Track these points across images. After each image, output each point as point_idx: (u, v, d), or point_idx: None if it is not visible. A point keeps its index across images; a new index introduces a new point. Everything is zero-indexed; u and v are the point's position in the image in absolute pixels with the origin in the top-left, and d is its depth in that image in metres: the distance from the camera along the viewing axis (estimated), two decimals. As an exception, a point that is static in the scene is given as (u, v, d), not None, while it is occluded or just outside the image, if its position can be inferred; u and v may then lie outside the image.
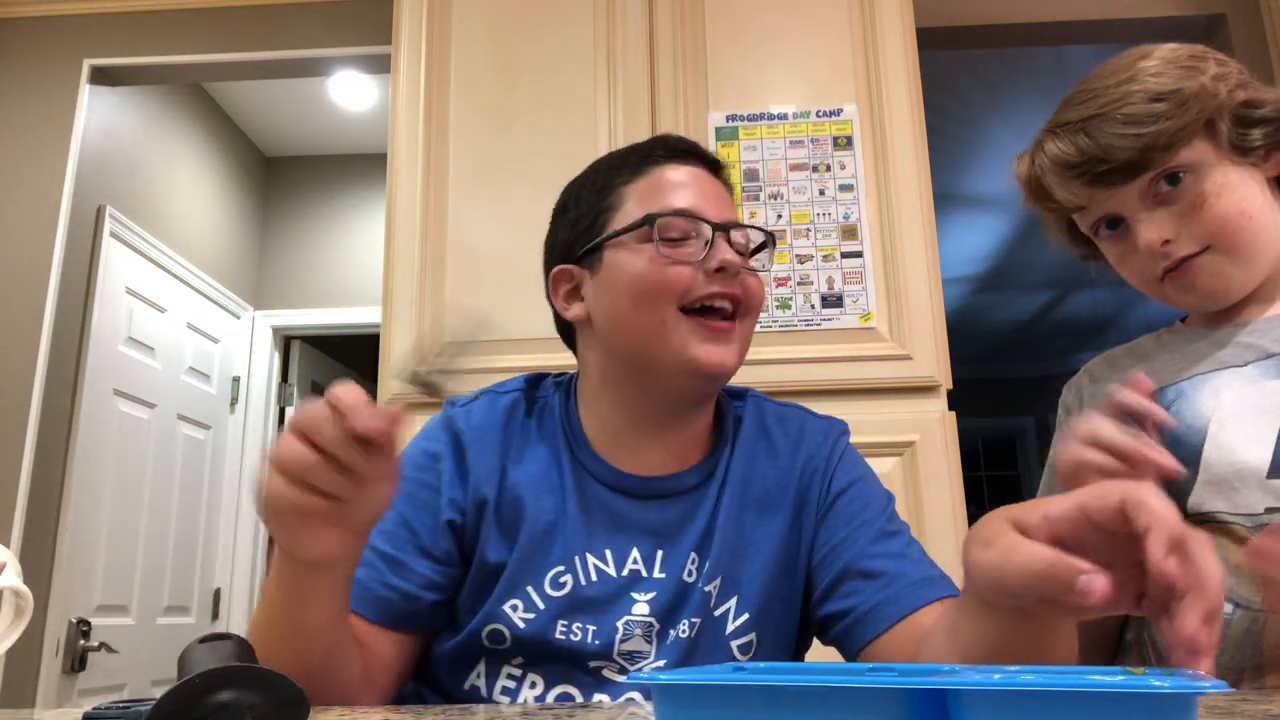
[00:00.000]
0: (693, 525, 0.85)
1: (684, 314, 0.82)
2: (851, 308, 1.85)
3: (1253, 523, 0.80)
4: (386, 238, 1.94)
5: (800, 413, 0.94)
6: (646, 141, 0.92)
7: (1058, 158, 0.91)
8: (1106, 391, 0.81)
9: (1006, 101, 3.64)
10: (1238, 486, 0.81)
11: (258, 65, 2.73)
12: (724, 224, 0.84)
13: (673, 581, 0.83)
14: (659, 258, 0.82)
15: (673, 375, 0.83)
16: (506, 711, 0.67)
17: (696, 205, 0.85)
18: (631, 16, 2.04)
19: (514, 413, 0.89)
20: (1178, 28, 2.49)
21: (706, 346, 0.81)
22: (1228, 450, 0.82)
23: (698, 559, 0.84)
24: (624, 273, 0.84)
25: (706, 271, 0.82)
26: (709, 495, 0.87)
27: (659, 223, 0.83)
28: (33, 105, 2.69)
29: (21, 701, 2.36)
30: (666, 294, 0.81)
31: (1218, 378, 0.87)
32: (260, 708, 0.48)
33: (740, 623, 0.83)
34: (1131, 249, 0.90)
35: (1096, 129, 0.88)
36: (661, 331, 0.82)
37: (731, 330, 0.83)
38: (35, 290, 2.54)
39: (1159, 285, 0.90)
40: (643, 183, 0.87)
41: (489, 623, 0.81)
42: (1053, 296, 5.81)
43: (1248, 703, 0.58)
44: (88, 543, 2.64)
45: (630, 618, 0.81)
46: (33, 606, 0.75)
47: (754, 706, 0.40)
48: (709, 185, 0.88)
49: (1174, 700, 0.33)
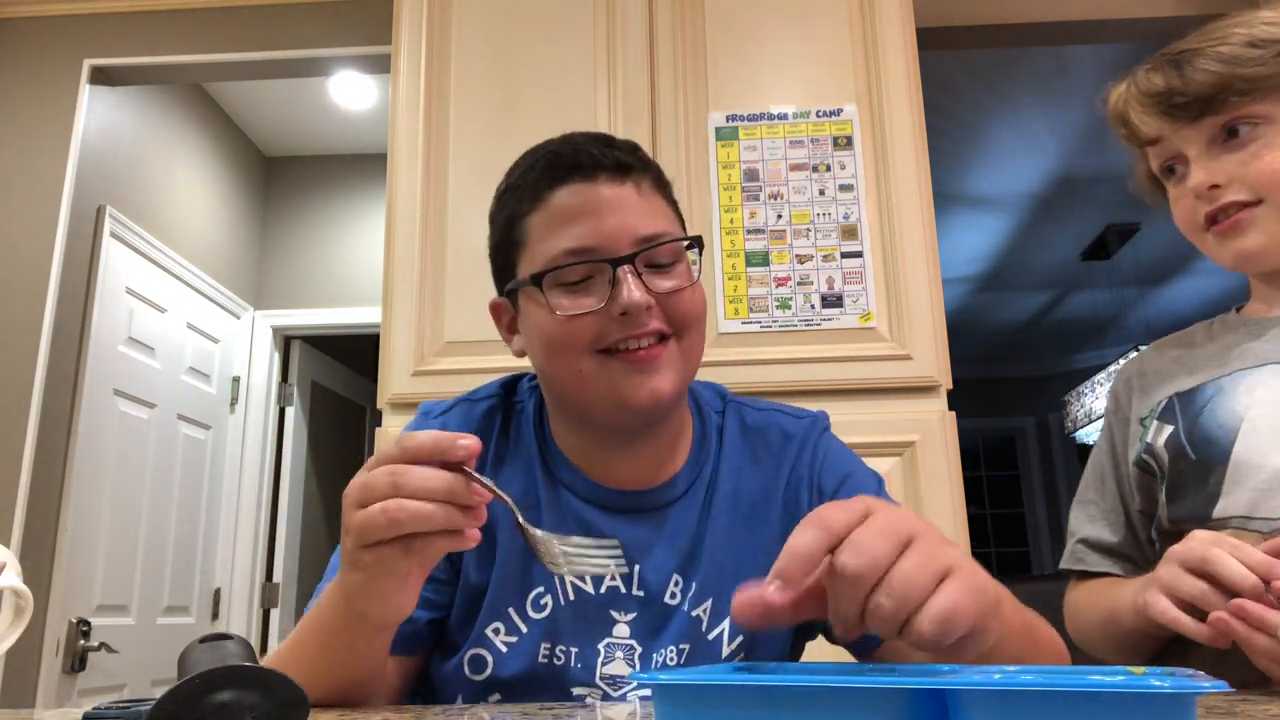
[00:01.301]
0: (674, 543, 0.83)
1: (603, 354, 0.77)
2: (851, 308, 1.85)
3: (1269, 528, 0.80)
4: (386, 238, 1.94)
5: (780, 417, 0.91)
6: (542, 154, 0.84)
7: (1144, 87, 0.91)
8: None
9: (1006, 101, 3.64)
10: (1261, 488, 0.81)
11: (258, 65, 2.73)
12: (625, 256, 0.76)
13: (654, 603, 0.81)
14: (560, 311, 0.77)
15: (607, 414, 0.79)
16: (506, 712, 0.67)
17: (594, 238, 0.77)
18: (631, 16, 2.04)
19: (490, 423, 0.87)
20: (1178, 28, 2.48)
21: (634, 380, 0.77)
22: (1257, 451, 0.82)
23: (681, 581, 0.82)
24: (533, 323, 0.80)
25: (613, 316, 0.76)
26: (691, 511, 0.84)
27: (551, 276, 0.77)
28: (33, 105, 2.69)
29: (21, 701, 2.36)
30: (575, 346, 0.77)
31: (1256, 374, 0.87)
32: (260, 708, 0.48)
33: (735, 645, 0.82)
34: (1183, 192, 0.90)
35: (1187, 62, 0.88)
36: (581, 380, 0.78)
37: (660, 355, 0.77)
38: (35, 290, 2.54)
39: (1203, 234, 0.90)
40: (539, 214, 0.81)
41: (472, 648, 0.80)
42: (1053, 296, 5.81)
43: (1248, 703, 0.58)
44: (88, 543, 2.64)
45: (611, 640, 0.80)
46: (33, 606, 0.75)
47: (754, 706, 0.40)
48: (616, 199, 0.79)
49: (1172, 700, 0.33)
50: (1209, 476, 0.85)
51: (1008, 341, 6.63)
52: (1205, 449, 0.85)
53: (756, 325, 1.85)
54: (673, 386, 0.78)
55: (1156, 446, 0.91)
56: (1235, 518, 0.82)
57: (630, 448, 0.84)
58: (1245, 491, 0.82)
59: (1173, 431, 0.89)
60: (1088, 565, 0.99)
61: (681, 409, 0.87)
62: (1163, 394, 0.94)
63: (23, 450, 2.44)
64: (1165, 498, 0.90)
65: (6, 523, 2.38)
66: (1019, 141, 3.93)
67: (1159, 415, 0.92)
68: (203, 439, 3.31)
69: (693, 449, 0.87)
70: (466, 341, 1.86)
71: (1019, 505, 7.05)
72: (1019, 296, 5.79)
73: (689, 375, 0.82)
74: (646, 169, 0.83)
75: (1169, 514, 0.89)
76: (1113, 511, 0.99)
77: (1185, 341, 0.99)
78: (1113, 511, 0.99)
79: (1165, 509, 0.90)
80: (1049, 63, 3.38)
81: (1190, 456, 0.87)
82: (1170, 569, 0.73)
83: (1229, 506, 0.82)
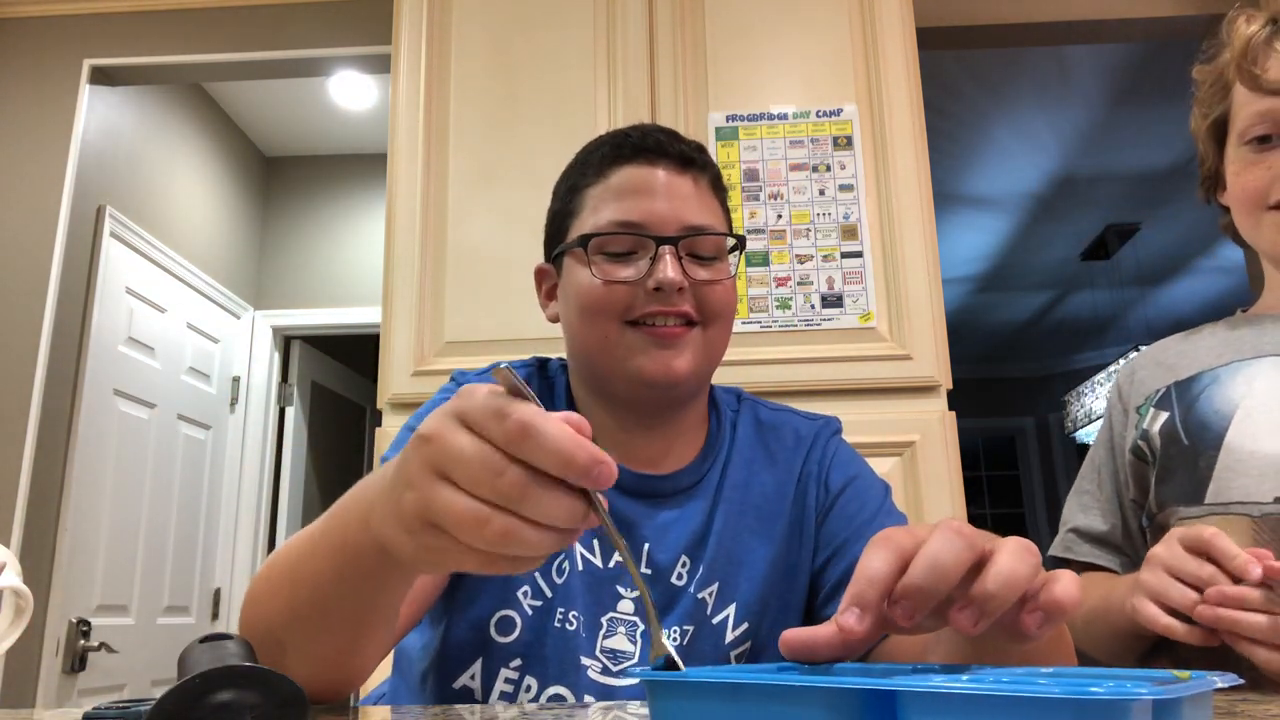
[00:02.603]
0: (685, 528, 0.85)
1: (630, 325, 0.81)
2: (851, 308, 1.85)
3: (1259, 511, 0.80)
4: (386, 238, 1.94)
5: (793, 417, 0.94)
6: (620, 132, 0.88)
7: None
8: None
9: (1006, 101, 3.64)
10: (1253, 474, 0.81)
11: (258, 65, 2.73)
12: (670, 237, 0.81)
13: (660, 582, 0.83)
14: (599, 275, 0.81)
15: (623, 385, 0.83)
16: (505, 712, 0.67)
17: (644, 215, 0.82)
18: (631, 16, 2.04)
19: (529, 387, 0.87)
20: (1178, 28, 2.49)
21: (652, 353, 0.80)
22: (1250, 437, 0.82)
23: (689, 562, 0.84)
24: (572, 285, 0.84)
25: (647, 290, 0.81)
26: (702, 499, 0.87)
27: (597, 241, 0.82)
28: (33, 105, 2.69)
29: (21, 701, 2.36)
30: (607, 311, 0.81)
31: (1255, 365, 0.87)
32: (260, 708, 0.48)
33: (740, 632, 0.83)
34: (1266, 166, 0.88)
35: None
36: (605, 345, 0.82)
37: (682, 336, 0.81)
38: (35, 290, 2.54)
39: (1261, 214, 0.89)
40: (601, 186, 0.85)
41: (500, 609, 0.80)
42: (1053, 296, 5.81)
43: (1248, 703, 0.58)
44: (88, 543, 2.64)
45: (615, 614, 0.81)
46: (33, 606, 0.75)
47: (716, 699, 0.44)
48: (672, 186, 0.84)
49: (1110, 707, 0.33)
50: (1199, 460, 0.85)
51: (1008, 341, 6.63)
52: (1199, 434, 0.86)
53: (756, 325, 1.85)
54: (689, 368, 0.81)
55: (1151, 433, 0.91)
56: (1225, 503, 0.82)
57: (649, 430, 0.86)
58: (1236, 476, 0.82)
59: (1168, 418, 0.90)
60: (1076, 555, 1.00)
61: (700, 401, 0.90)
62: (1161, 383, 0.95)
63: (23, 450, 2.44)
64: (1154, 480, 0.90)
65: (6, 523, 2.39)
66: (1019, 141, 3.93)
67: (1156, 403, 0.93)
68: (203, 439, 3.31)
69: (707, 441, 0.90)
70: (466, 342, 1.86)
71: (1019, 505, 7.05)
72: (1019, 296, 5.79)
73: (709, 366, 0.85)
74: (707, 168, 0.88)
75: (1156, 497, 0.90)
76: (1108, 501, 1.00)
77: (1190, 337, 0.99)
78: (1108, 501, 1.00)
79: (1154, 492, 0.90)
80: (1049, 63, 3.38)
81: (1183, 441, 0.88)
82: (1156, 574, 0.74)
83: (1218, 491, 0.83)
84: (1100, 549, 0.99)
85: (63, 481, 2.55)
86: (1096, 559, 0.99)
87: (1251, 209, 0.90)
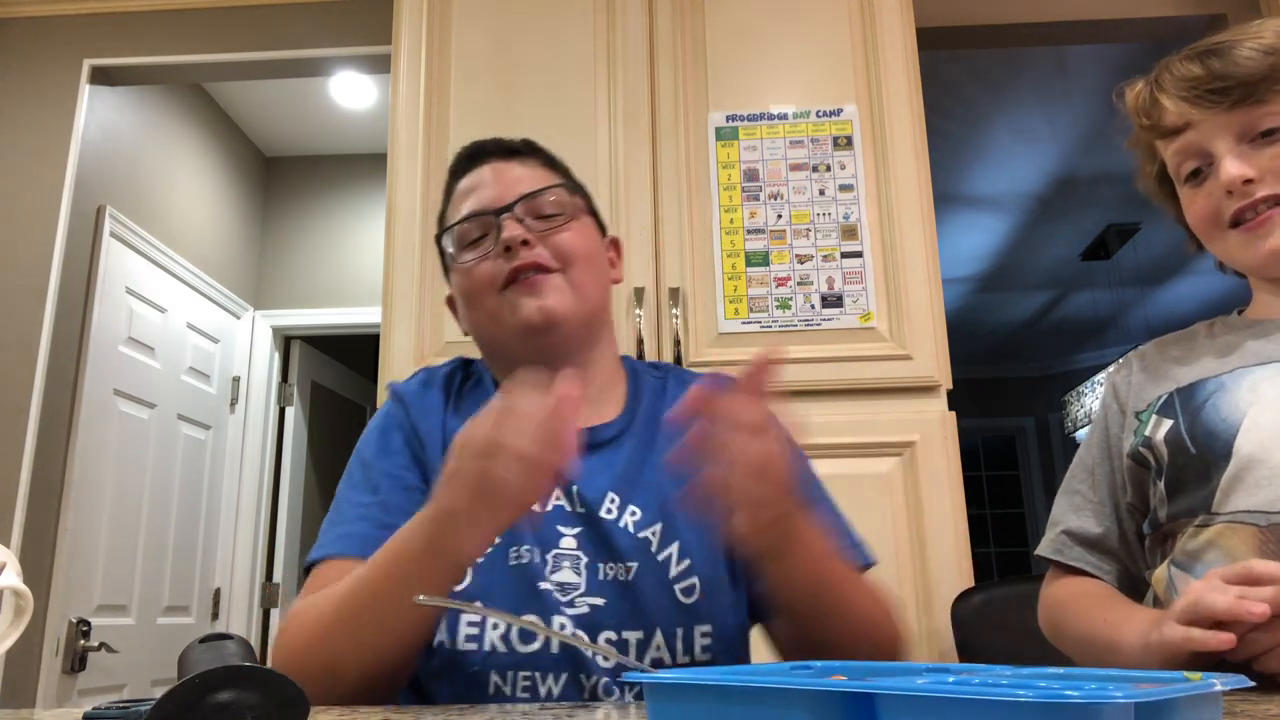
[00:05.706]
0: (609, 469, 0.90)
1: (503, 290, 0.90)
2: (851, 308, 1.85)
3: (1266, 521, 0.80)
4: (386, 238, 1.94)
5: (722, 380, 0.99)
6: (456, 155, 1.00)
7: (1181, 75, 0.92)
8: None
9: (1006, 101, 3.64)
10: (1261, 483, 0.81)
11: (258, 65, 2.73)
12: (505, 206, 0.91)
13: (592, 518, 0.87)
14: (463, 264, 0.92)
15: (518, 346, 0.91)
16: (505, 712, 0.67)
17: (481, 202, 0.93)
18: (631, 17, 2.04)
19: (452, 379, 0.99)
20: (1178, 28, 2.49)
21: (525, 301, 0.89)
22: (1258, 445, 0.82)
23: (618, 499, 0.88)
24: (456, 289, 0.97)
25: (501, 255, 0.90)
26: (627, 446, 0.93)
27: (449, 238, 0.94)
28: (33, 105, 2.69)
29: (21, 701, 2.36)
30: (480, 288, 0.91)
31: (1260, 372, 0.87)
32: (260, 708, 0.48)
33: (682, 567, 0.86)
34: (1206, 193, 0.90)
35: (1228, 51, 0.89)
36: (493, 317, 0.92)
37: (544, 282, 0.89)
38: (35, 290, 2.54)
39: (1223, 232, 0.90)
40: (450, 204, 0.98)
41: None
42: (1053, 296, 5.81)
43: (1247, 703, 0.58)
44: (88, 543, 2.64)
45: (559, 551, 0.86)
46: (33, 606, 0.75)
47: (707, 700, 0.46)
48: (500, 172, 0.94)
49: (1082, 711, 0.33)
50: (1210, 470, 0.85)
51: (1008, 341, 6.63)
52: (1206, 443, 0.85)
53: (756, 325, 1.85)
54: (561, 306, 0.89)
55: (1155, 440, 0.91)
56: (1236, 512, 0.82)
57: None
58: (1247, 486, 0.82)
59: (1172, 426, 0.89)
60: (1067, 559, 0.99)
61: (605, 355, 0.97)
62: (1162, 389, 0.94)
63: (23, 450, 2.44)
64: (1165, 493, 0.89)
65: (6, 523, 2.39)
66: (1019, 141, 3.93)
67: (1158, 410, 0.92)
68: (203, 439, 3.31)
69: (628, 399, 0.97)
70: (466, 342, 1.84)
71: (1019, 505, 7.05)
72: (1019, 296, 5.79)
73: (584, 305, 0.92)
74: (535, 153, 0.99)
75: (1168, 510, 0.89)
76: (1101, 503, 0.99)
77: (1186, 340, 0.99)
78: (1101, 503, 0.99)
79: (1164, 505, 0.90)
80: (1049, 63, 3.39)
81: (1190, 451, 0.87)
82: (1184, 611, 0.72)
83: (1230, 501, 0.82)
84: (1093, 553, 0.98)
85: (63, 481, 2.55)
86: (1088, 565, 0.98)
87: (1212, 234, 0.92)
